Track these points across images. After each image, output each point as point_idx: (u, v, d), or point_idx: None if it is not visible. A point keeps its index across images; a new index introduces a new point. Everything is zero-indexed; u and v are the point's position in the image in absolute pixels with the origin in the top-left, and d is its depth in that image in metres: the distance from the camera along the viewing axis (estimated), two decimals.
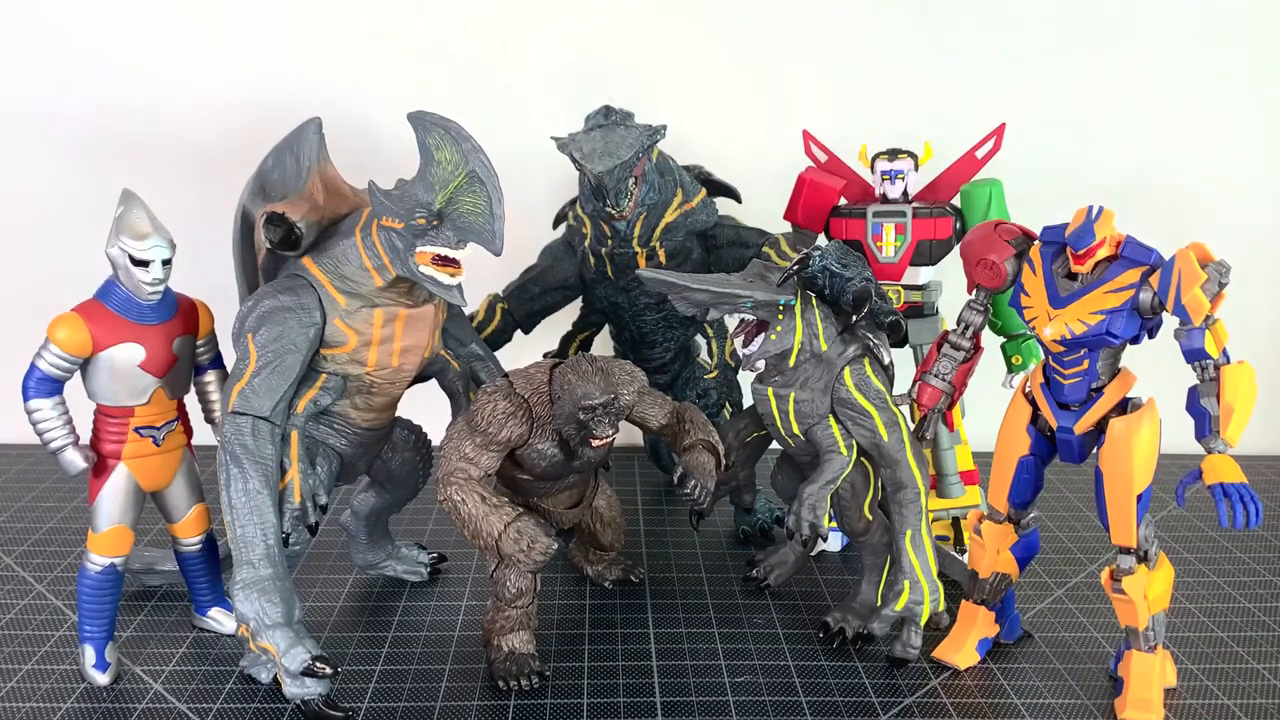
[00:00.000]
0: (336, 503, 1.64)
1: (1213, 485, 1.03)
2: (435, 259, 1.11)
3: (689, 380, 1.67)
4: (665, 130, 1.42)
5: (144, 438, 1.20)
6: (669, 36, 1.92)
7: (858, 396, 1.20)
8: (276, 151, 1.27)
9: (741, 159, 1.85)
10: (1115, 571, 1.14)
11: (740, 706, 1.16)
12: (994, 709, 1.16)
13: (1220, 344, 1.06)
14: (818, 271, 1.19)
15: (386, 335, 1.19)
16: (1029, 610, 1.39)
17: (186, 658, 1.27)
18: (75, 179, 1.91)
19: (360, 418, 1.26)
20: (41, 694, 1.18)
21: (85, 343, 1.13)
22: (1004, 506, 1.23)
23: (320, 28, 1.89)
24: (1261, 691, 1.20)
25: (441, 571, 1.51)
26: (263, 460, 1.12)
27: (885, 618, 1.25)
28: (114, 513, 1.19)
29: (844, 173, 1.53)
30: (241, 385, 1.13)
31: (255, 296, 1.18)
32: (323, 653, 1.10)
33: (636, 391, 1.27)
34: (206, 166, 1.89)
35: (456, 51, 1.91)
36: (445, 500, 1.19)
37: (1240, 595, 1.46)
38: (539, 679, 1.19)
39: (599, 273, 1.56)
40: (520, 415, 1.19)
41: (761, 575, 1.46)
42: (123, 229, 1.13)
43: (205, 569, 1.31)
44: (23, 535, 1.63)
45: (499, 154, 1.10)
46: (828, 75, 1.94)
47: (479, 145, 1.07)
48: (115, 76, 1.89)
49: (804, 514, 1.20)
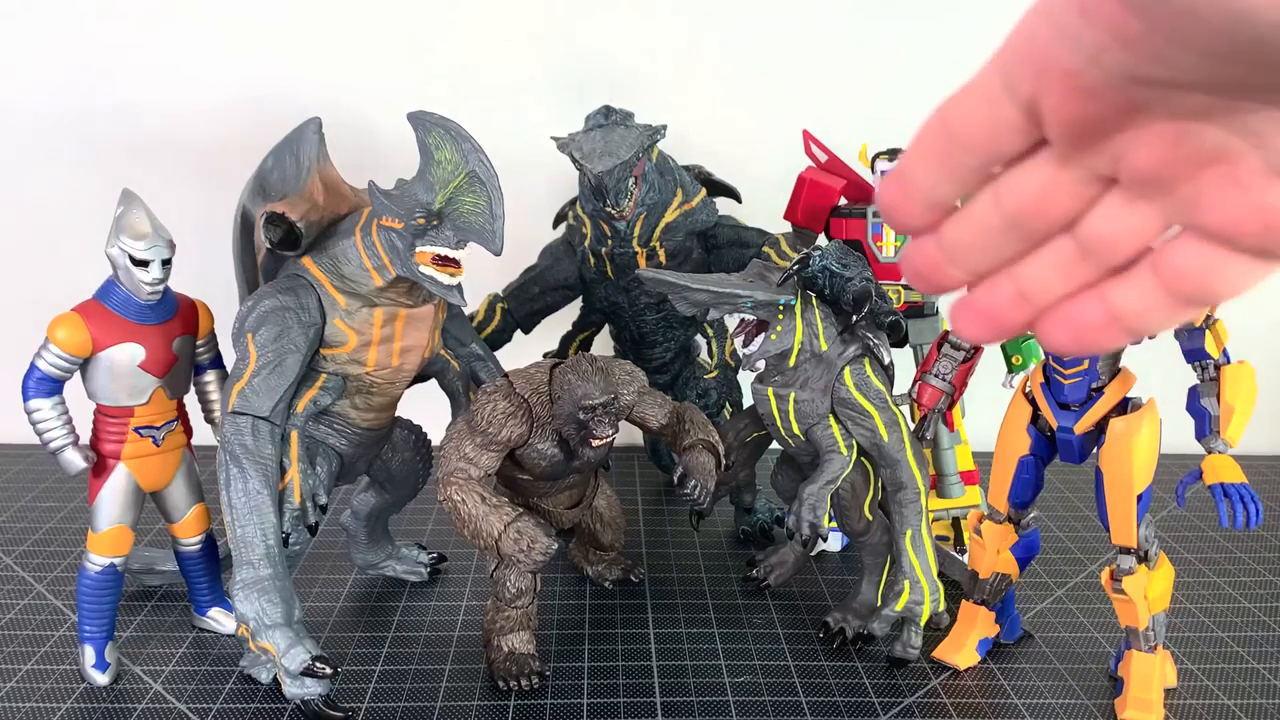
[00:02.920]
0: (336, 503, 1.64)
1: (1213, 485, 1.03)
2: (435, 259, 1.11)
3: (689, 380, 1.67)
4: (665, 130, 1.42)
5: (144, 438, 1.20)
6: (669, 37, 1.92)
7: (858, 396, 1.19)
8: (276, 151, 1.27)
9: (741, 159, 1.85)
10: (1115, 571, 1.14)
11: (740, 706, 1.16)
12: (994, 709, 1.16)
13: (1220, 344, 1.06)
14: (818, 271, 1.19)
15: (386, 335, 1.19)
16: (1029, 610, 1.39)
17: (186, 658, 1.27)
18: (75, 179, 1.91)
19: (360, 418, 1.26)
20: (41, 694, 1.18)
21: (85, 342, 1.13)
22: (1004, 506, 1.23)
23: (320, 28, 1.89)
24: (1261, 691, 1.20)
25: (441, 571, 1.51)
26: (263, 460, 1.12)
27: (885, 618, 1.25)
28: (114, 513, 1.19)
29: (844, 173, 1.53)
30: (241, 385, 1.13)
31: (255, 296, 1.18)
32: (322, 653, 1.10)
33: (636, 391, 1.27)
34: (206, 166, 1.89)
35: (456, 51, 1.91)
36: (445, 500, 1.19)
37: (1240, 595, 1.46)
38: (539, 679, 1.19)
39: (599, 273, 1.56)
40: (520, 415, 1.19)
41: (761, 575, 1.46)
42: (123, 229, 1.13)
43: (205, 569, 1.31)
44: (23, 535, 1.63)
45: (499, 154, 1.10)
46: (828, 75, 1.94)
47: (479, 145, 1.07)
48: (115, 76, 1.88)
49: (804, 514, 1.20)
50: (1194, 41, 0.26)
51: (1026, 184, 0.33)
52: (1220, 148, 0.29)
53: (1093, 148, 0.31)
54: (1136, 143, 0.30)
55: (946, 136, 0.33)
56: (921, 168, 0.34)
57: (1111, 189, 0.32)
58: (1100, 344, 0.34)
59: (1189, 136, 0.29)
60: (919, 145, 0.34)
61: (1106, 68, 0.29)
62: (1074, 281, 0.34)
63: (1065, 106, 0.30)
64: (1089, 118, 0.30)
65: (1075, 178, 0.32)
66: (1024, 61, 0.31)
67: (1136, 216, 0.32)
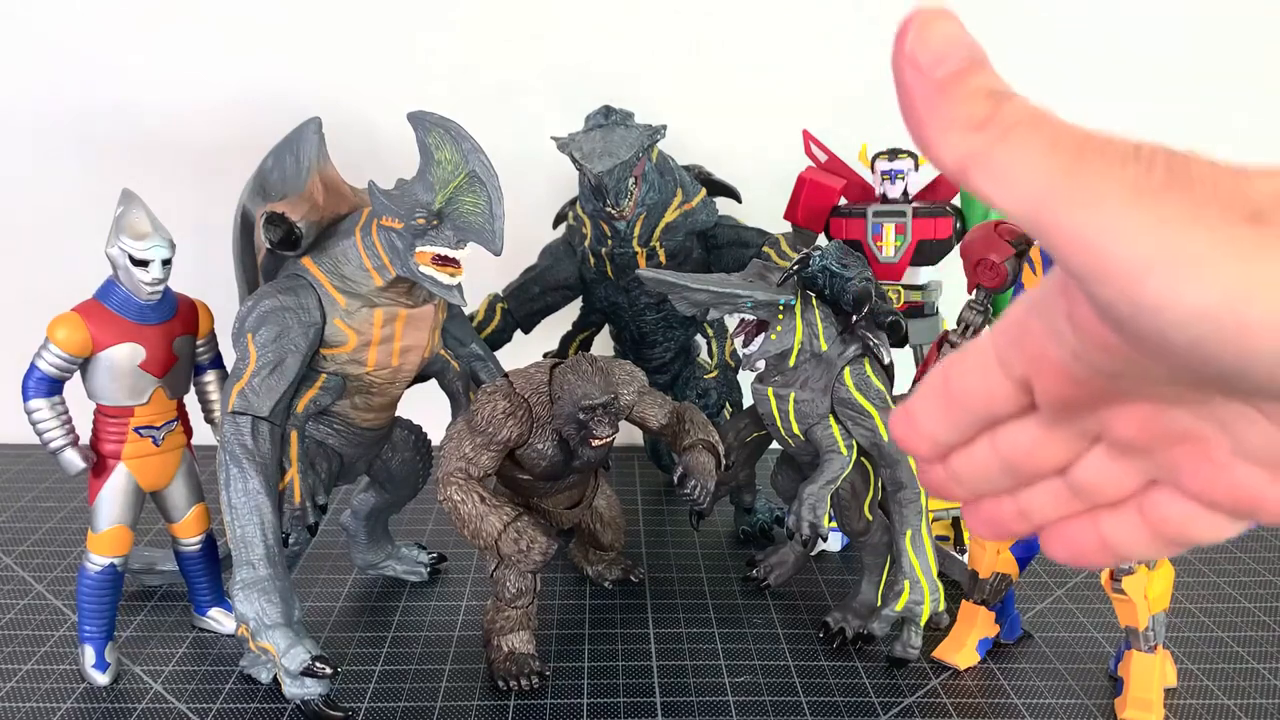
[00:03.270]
0: (336, 503, 1.64)
1: None
2: (435, 259, 1.11)
3: (689, 380, 1.67)
4: (665, 130, 1.42)
5: (144, 438, 1.20)
6: (669, 36, 1.92)
7: (858, 396, 1.19)
8: (276, 151, 1.27)
9: (741, 159, 1.85)
10: (1115, 571, 1.14)
11: (740, 706, 1.16)
12: (994, 709, 1.16)
13: None
14: (818, 271, 1.19)
15: (386, 335, 1.19)
16: (1029, 610, 1.39)
17: (186, 658, 1.27)
18: (75, 179, 1.91)
19: (360, 418, 1.26)
20: (41, 694, 1.18)
21: (85, 342, 1.13)
22: None
23: (320, 28, 1.89)
24: (1261, 691, 1.20)
25: (441, 571, 1.51)
26: (262, 460, 1.12)
27: (885, 618, 1.25)
28: (114, 513, 1.19)
29: (844, 173, 1.53)
30: (241, 385, 1.13)
31: (255, 296, 1.18)
32: (322, 653, 1.10)
33: (636, 391, 1.27)
34: (206, 166, 1.89)
35: (457, 51, 1.91)
36: (445, 500, 1.19)
37: (1240, 595, 1.46)
38: (539, 679, 1.19)
39: (599, 273, 1.56)
40: (520, 415, 1.19)
41: (761, 575, 1.46)
42: (123, 229, 1.13)
43: (205, 569, 1.31)
44: (23, 535, 1.63)
45: (499, 154, 1.10)
46: (828, 75, 1.94)
47: (479, 145, 1.07)
48: (116, 76, 1.89)
49: (804, 514, 1.20)
50: (1167, 361, 0.29)
51: (1019, 439, 0.37)
52: (1192, 430, 0.32)
53: (1077, 418, 0.35)
54: (1118, 418, 0.34)
55: (947, 395, 0.37)
56: (925, 414, 0.38)
57: (1098, 444, 0.36)
58: (1096, 564, 0.38)
59: (1165, 418, 0.33)
60: (924, 394, 0.38)
61: (1090, 365, 0.32)
62: (1067, 510, 0.38)
63: (1053, 389, 0.34)
64: (1074, 398, 0.34)
65: (1064, 436, 0.36)
66: (1017, 347, 0.35)
67: (1120, 471, 0.36)
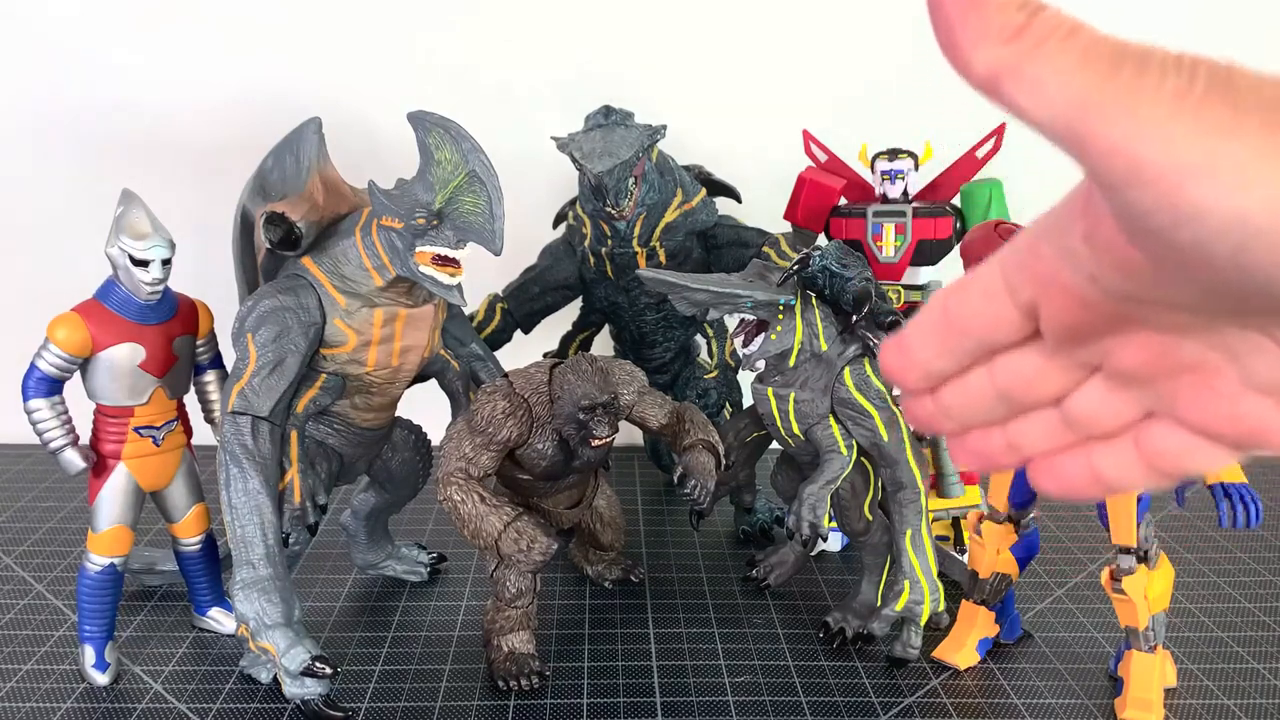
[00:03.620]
0: (336, 503, 1.64)
1: (1213, 485, 1.03)
2: (435, 259, 1.11)
3: (689, 380, 1.67)
4: (665, 130, 1.42)
5: (144, 438, 1.20)
6: (669, 36, 1.92)
7: (858, 396, 1.19)
8: (276, 151, 1.27)
9: (741, 159, 1.85)
10: (1115, 571, 1.14)
11: (740, 706, 1.16)
12: (994, 709, 1.16)
13: None
14: (818, 271, 1.19)
15: (386, 335, 1.19)
16: (1029, 610, 1.39)
17: (186, 658, 1.27)
18: (75, 179, 1.91)
19: (360, 418, 1.26)
20: (41, 694, 1.18)
21: (85, 342, 1.13)
22: (1004, 506, 1.23)
23: (320, 28, 1.89)
24: (1261, 691, 1.20)
25: (441, 571, 1.51)
26: (263, 460, 1.12)
27: (885, 618, 1.25)
28: (114, 513, 1.19)
29: (844, 173, 1.53)
30: (241, 385, 1.13)
31: (255, 296, 1.18)
32: (322, 653, 1.10)
33: (636, 391, 1.27)
34: (206, 166, 1.89)
35: (457, 51, 1.91)
36: (445, 500, 1.19)
37: (1240, 595, 1.46)
38: (539, 679, 1.19)
39: (599, 273, 1.56)
40: (520, 415, 1.19)
41: (761, 575, 1.46)
42: (123, 229, 1.13)
43: (205, 569, 1.31)
44: (23, 535, 1.63)
45: (499, 154, 1.10)
46: (828, 75, 1.94)
47: (479, 145, 1.07)
48: (115, 77, 1.89)
49: (804, 514, 1.20)
50: (1196, 279, 0.28)
51: (1019, 367, 0.36)
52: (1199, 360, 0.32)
53: (1082, 346, 0.35)
54: (1123, 346, 0.34)
55: (947, 322, 0.37)
56: (921, 344, 0.37)
57: (1096, 374, 0.36)
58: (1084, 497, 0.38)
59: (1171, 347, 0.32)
60: (920, 323, 0.37)
61: (1104, 288, 0.31)
62: (1059, 442, 0.37)
63: (1061, 315, 0.34)
64: (1082, 325, 0.33)
65: (1064, 365, 0.36)
66: (1025, 271, 0.34)
67: (1118, 402, 0.35)
